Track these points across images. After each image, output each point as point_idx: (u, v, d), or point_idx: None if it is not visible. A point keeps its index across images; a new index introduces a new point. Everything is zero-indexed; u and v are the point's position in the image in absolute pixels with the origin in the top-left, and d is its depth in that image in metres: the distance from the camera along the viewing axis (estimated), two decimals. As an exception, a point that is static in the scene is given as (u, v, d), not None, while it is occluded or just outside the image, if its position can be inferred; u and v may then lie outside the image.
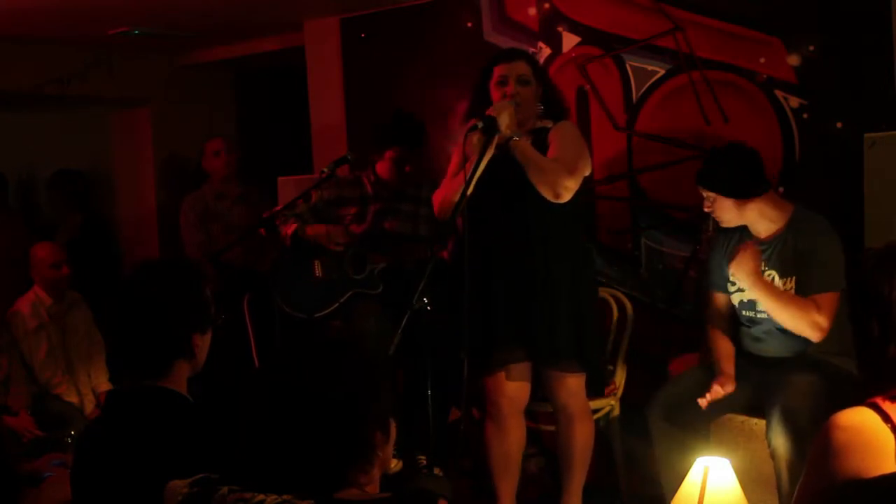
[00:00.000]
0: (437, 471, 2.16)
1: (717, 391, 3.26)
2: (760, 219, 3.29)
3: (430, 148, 4.46)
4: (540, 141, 3.40)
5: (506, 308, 3.39)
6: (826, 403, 2.95)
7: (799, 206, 3.31)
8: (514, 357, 3.42)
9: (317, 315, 4.15)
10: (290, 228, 4.17)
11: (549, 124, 3.44)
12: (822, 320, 3.10)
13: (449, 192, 3.39)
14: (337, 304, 4.13)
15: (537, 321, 3.37)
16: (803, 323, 3.13)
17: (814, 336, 3.14)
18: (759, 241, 3.31)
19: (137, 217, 6.56)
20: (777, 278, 3.24)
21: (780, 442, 3.02)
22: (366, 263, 4.17)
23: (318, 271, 4.17)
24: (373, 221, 4.19)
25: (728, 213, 3.30)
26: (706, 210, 3.36)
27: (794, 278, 3.22)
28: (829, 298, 3.10)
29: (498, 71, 3.41)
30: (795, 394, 3.07)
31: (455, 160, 3.46)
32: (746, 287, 3.23)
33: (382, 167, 4.21)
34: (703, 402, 3.25)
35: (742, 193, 3.25)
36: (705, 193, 3.32)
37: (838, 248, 3.17)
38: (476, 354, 3.42)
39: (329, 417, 1.63)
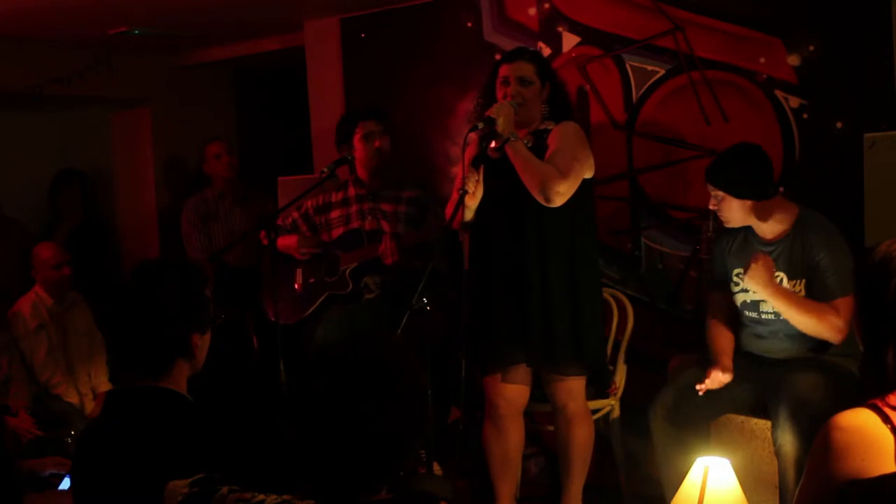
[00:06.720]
0: (436, 470, 2.16)
1: (717, 377, 3.24)
2: (766, 220, 3.28)
3: (397, 127, 4.44)
4: (542, 142, 3.39)
5: (504, 310, 3.39)
6: (831, 401, 2.96)
7: (804, 207, 3.30)
8: (513, 359, 3.42)
9: (294, 322, 4.26)
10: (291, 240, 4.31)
11: (551, 125, 3.43)
12: (842, 324, 3.11)
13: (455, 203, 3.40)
14: (312, 309, 4.24)
15: (534, 324, 3.36)
16: (823, 327, 3.14)
17: (835, 339, 3.15)
18: (764, 242, 3.30)
19: (137, 217, 6.55)
20: (786, 280, 3.24)
21: (788, 440, 3.01)
22: (339, 266, 4.20)
23: (297, 281, 4.26)
24: (352, 223, 4.25)
25: (735, 213, 3.28)
26: (712, 208, 3.33)
27: (803, 281, 3.21)
28: (846, 302, 3.10)
29: (502, 71, 3.41)
30: (802, 391, 3.07)
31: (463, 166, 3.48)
32: (764, 297, 3.22)
33: (358, 155, 4.20)
34: (701, 387, 3.25)
35: (751, 195, 3.23)
36: (713, 192, 3.30)
37: (847, 250, 3.17)
38: (475, 356, 3.42)
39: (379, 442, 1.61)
